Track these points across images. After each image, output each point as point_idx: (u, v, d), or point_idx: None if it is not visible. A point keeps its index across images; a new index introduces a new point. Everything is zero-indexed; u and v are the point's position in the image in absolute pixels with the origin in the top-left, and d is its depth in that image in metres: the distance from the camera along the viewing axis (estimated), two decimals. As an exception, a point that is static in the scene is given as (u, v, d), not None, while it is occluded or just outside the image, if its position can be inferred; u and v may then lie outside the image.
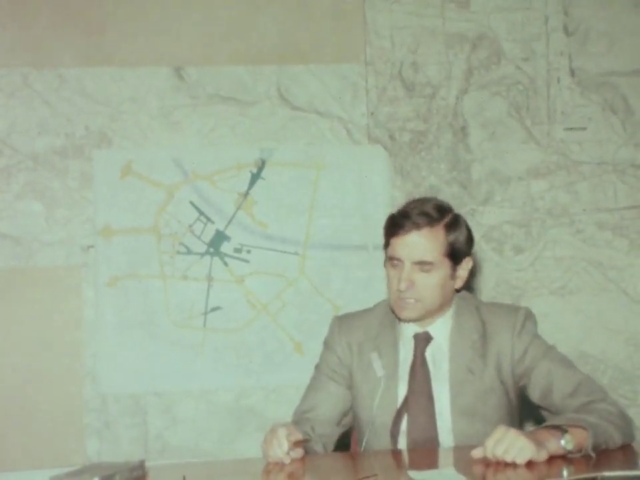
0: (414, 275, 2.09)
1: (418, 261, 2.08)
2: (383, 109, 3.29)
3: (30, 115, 3.14)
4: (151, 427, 3.13)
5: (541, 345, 2.14)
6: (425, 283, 2.09)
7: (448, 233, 2.10)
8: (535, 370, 2.10)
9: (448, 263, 2.11)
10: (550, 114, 3.34)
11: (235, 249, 3.22)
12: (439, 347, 2.16)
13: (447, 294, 2.15)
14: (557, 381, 2.07)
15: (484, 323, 2.16)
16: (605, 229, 3.32)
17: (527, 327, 2.14)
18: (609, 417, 1.92)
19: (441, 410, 2.11)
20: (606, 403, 1.98)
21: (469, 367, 2.11)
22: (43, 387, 3.08)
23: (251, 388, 3.18)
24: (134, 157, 3.18)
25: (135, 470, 1.82)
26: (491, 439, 1.79)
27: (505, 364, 2.12)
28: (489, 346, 2.13)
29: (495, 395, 2.12)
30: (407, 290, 2.09)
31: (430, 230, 2.08)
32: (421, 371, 2.14)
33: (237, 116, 3.24)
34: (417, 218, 2.09)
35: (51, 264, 3.12)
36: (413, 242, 2.08)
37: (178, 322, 3.17)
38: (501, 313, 2.18)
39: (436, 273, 2.09)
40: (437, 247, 2.08)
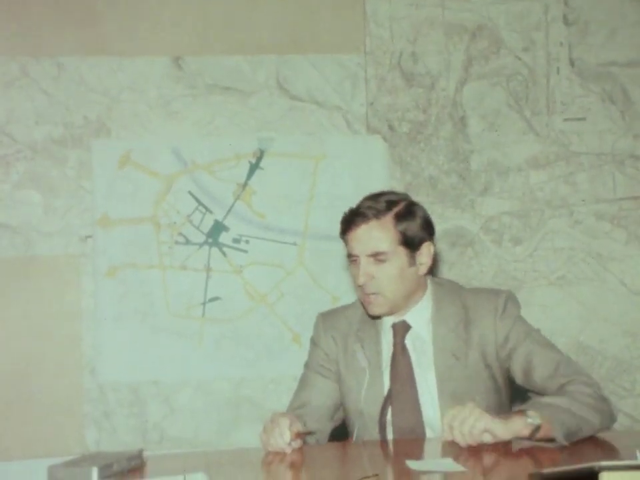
0: (370, 267, 2.10)
1: (371, 253, 2.10)
2: (382, 99, 3.28)
3: (28, 104, 3.13)
4: (150, 416, 3.13)
5: (522, 327, 2.14)
6: (383, 274, 2.10)
7: (398, 222, 2.11)
8: (517, 351, 2.10)
9: (403, 250, 2.11)
10: (549, 104, 3.33)
11: (233, 239, 3.21)
12: (418, 334, 2.17)
13: (411, 282, 2.15)
14: (536, 362, 2.07)
15: (466, 308, 2.17)
16: (603, 219, 3.32)
17: (508, 309, 2.15)
18: (585, 399, 1.91)
19: (427, 397, 2.12)
20: (583, 384, 1.97)
21: (453, 353, 2.12)
22: (42, 377, 3.08)
23: (249, 378, 3.18)
24: (132, 147, 3.18)
25: (134, 459, 1.82)
26: (449, 413, 1.82)
27: (489, 348, 2.13)
28: (472, 330, 2.14)
29: (481, 379, 2.13)
30: (366, 284, 2.11)
31: (377, 221, 2.10)
32: (402, 360, 2.15)
33: (236, 106, 3.23)
34: (365, 211, 2.11)
35: (50, 254, 3.12)
36: (363, 235, 2.10)
37: (176, 312, 3.17)
38: (482, 297, 2.19)
39: (392, 262, 2.10)
40: (387, 237, 2.09)
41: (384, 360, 2.17)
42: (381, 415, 2.12)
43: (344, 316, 2.28)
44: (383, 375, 2.16)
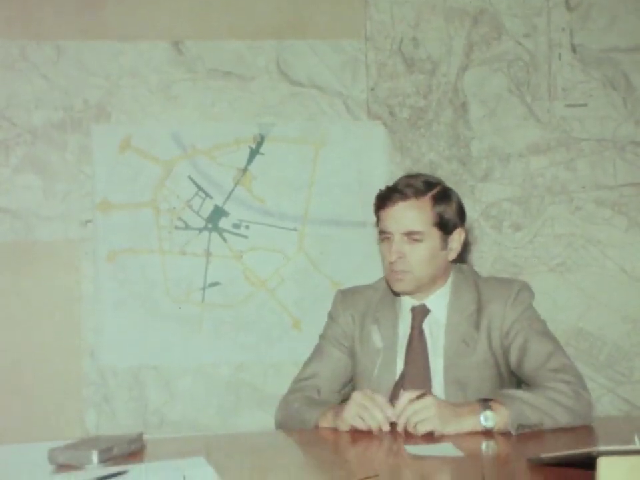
0: (404, 246, 2.11)
1: (406, 232, 2.10)
2: (383, 85, 3.27)
3: (28, 88, 3.12)
4: (149, 401, 3.14)
5: (529, 316, 2.14)
6: (415, 254, 2.11)
7: (435, 204, 2.12)
8: (516, 339, 2.11)
9: (437, 233, 2.13)
10: (550, 90, 3.32)
11: (233, 224, 3.21)
12: (436, 319, 2.18)
13: (440, 265, 2.17)
14: (529, 351, 2.07)
15: (480, 295, 2.17)
16: (604, 206, 3.31)
17: (520, 298, 2.15)
18: (555, 395, 1.90)
19: (438, 382, 2.13)
20: (561, 382, 1.95)
21: (463, 339, 2.13)
22: (42, 361, 3.09)
23: (249, 363, 3.19)
24: (133, 132, 3.17)
25: (134, 443, 1.83)
26: (407, 397, 1.81)
27: (494, 334, 2.13)
28: (482, 317, 2.15)
29: (487, 367, 2.13)
30: (397, 262, 2.11)
31: (416, 200, 2.11)
32: (418, 344, 2.16)
33: (236, 91, 3.22)
34: (404, 189, 2.12)
35: (50, 238, 3.12)
36: (400, 213, 2.10)
37: (176, 297, 3.17)
38: (496, 285, 2.20)
39: (425, 243, 2.11)
40: (424, 217, 2.11)
41: (399, 342, 2.18)
42: (392, 397, 2.12)
43: (363, 296, 2.29)
44: (397, 357, 2.17)
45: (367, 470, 1.63)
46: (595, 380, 3.25)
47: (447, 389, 2.11)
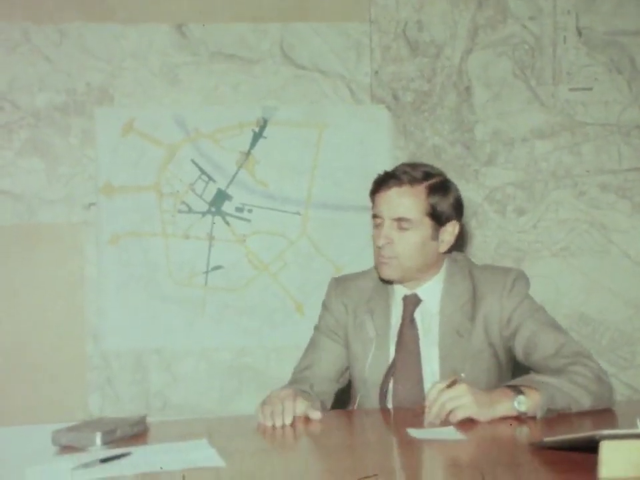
0: (392, 232, 2.10)
1: (397, 217, 2.10)
2: (387, 68, 3.26)
3: (30, 70, 3.11)
4: (152, 384, 3.15)
5: (529, 306, 2.13)
6: (403, 241, 2.10)
7: (430, 194, 2.11)
8: (520, 330, 2.09)
9: (429, 222, 2.11)
10: (555, 74, 3.30)
11: (236, 208, 3.21)
12: (428, 309, 2.17)
13: (429, 255, 2.15)
14: (539, 341, 2.06)
15: (475, 285, 2.16)
16: (608, 190, 3.30)
17: (516, 288, 2.14)
18: (580, 380, 1.90)
19: (430, 372, 2.13)
20: (582, 366, 1.95)
21: (457, 330, 2.12)
22: (46, 344, 3.10)
23: (251, 347, 3.20)
24: (136, 115, 3.16)
25: (137, 425, 1.83)
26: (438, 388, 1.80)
27: (493, 325, 2.12)
28: (478, 308, 2.13)
29: (483, 357, 2.12)
30: (385, 247, 2.10)
31: (410, 188, 2.10)
32: (409, 333, 2.15)
33: (240, 74, 3.21)
34: (400, 175, 2.11)
35: (53, 221, 3.12)
36: (393, 198, 2.10)
37: (179, 280, 3.18)
38: (492, 275, 2.18)
39: (415, 231, 2.10)
40: (417, 205, 2.09)
41: (392, 331, 2.17)
42: (383, 384, 2.13)
43: (356, 284, 2.27)
44: (390, 346, 2.16)
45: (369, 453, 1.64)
46: (598, 365, 3.25)
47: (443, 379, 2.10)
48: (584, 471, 1.33)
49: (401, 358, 2.14)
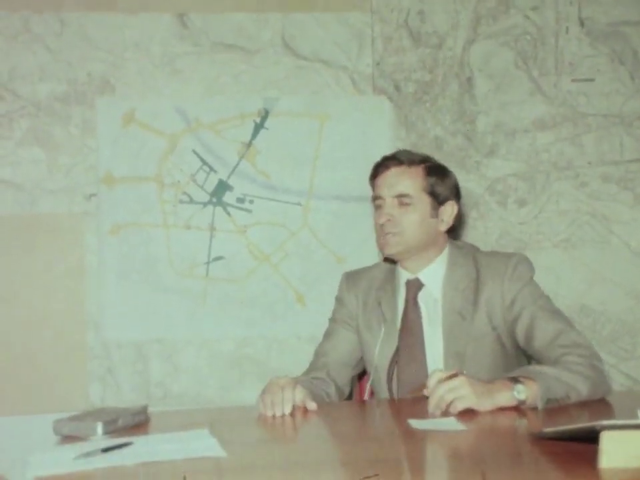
0: (394, 210, 2.16)
1: (397, 194, 2.16)
2: (389, 59, 3.25)
3: (31, 60, 3.11)
4: (153, 374, 3.16)
5: (531, 291, 2.14)
6: (405, 217, 2.16)
7: (428, 175, 2.19)
8: (521, 315, 2.11)
9: (428, 199, 2.18)
10: (557, 65, 3.29)
11: (237, 198, 3.21)
12: (431, 293, 2.19)
13: (430, 233, 2.19)
14: (538, 328, 2.07)
15: (478, 270, 2.18)
16: (609, 182, 3.30)
17: (518, 272, 2.15)
18: (576, 368, 1.90)
19: (433, 355, 2.14)
20: (577, 355, 1.96)
21: (459, 312, 2.14)
22: (47, 334, 3.10)
23: (252, 338, 3.20)
24: (137, 105, 3.16)
25: (138, 415, 1.84)
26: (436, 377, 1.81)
27: (495, 310, 2.13)
28: (481, 292, 2.15)
29: (486, 341, 2.13)
30: (387, 224, 2.15)
31: (409, 167, 2.18)
32: (412, 316, 2.18)
33: (241, 64, 3.20)
34: (399, 157, 2.20)
35: (53, 211, 3.12)
36: (392, 177, 2.17)
37: (180, 271, 3.18)
38: (494, 259, 2.20)
39: (415, 208, 2.16)
40: (415, 183, 2.17)
41: (399, 317, 2.20)
42: (389, 369, 2.15)
43: (366, 276, 2.33)
44: (397, 331, 2.19)
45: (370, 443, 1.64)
46: (598, 356, 3.25)
47: (447, 361, 2.12)
48: (584, 461, 1.33)
49: (405, 341, 2.16)
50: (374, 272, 2.33)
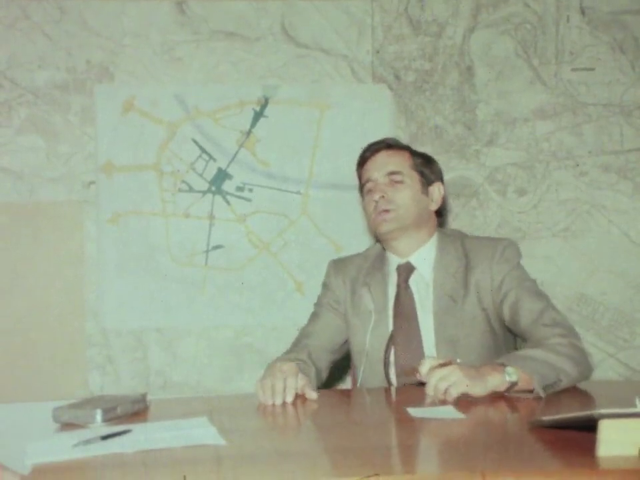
0: (387, 188, 2.19)
1: (389, 172, 2.20)
2: (389, 47, 3.24)
3: (30, 47, 3.10)
4: (152, 362, 3.16)
5: (517, 274, 2.15)
6: (398, 194, 2.18)
7: (414, 157, 2.26)
8: (507, 296, 2.12)
9: (417, 177, 2.23)
10: (558, 54, 3.29)
11: (237, 187, 3.20)
12: (422, 277, 2.20)
13: (422, 210, 2.21)
14: (522, 309, 2.09)
15: (467, 254, 2.20)
16: (609, 171, 3.30)
17: (506, 256, 2.16)
18: (563, 350, 1.91)
19: (428, 338, 2.15)
20: (561, 336, 1.97)
21: (451, 296, 2.15)
22: (46, 322, 3.11)
23: (251, 326, 3.20)
24: (136, 93, 3.15)
25: (137, 403, 1.84)
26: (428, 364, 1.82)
27: (484, 292, 2.15)
28: (470, 276, 2.16)
29: (477, 324, 2.14)
30: (381, 201, 2.17)
31: (396, 150, 2.26)
32: (405, 301, 2.18)
33: (240, 52, 3.19)
34: (385, 140, 2.28)
35: (53, 200, 3.11)
36: (382, 159, 2.23)
37: (179, 260, 3.18)
38: (483, 243, 2.22)
39: (407, 185, 2.20)
40: (404, 162, 2.23)
41: (390, 303, 2.20)
42: (385, 355, 2.15)
43: (353, 262, 2.33)
44: (389, 316, 2.19)
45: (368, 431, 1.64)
46: (597, 345, 3.26)
47: (439, 345, 2.13)
48: (582, 449, 1.34)
49: (400, 326, 2.17)
50: (360, 260, 2.33)
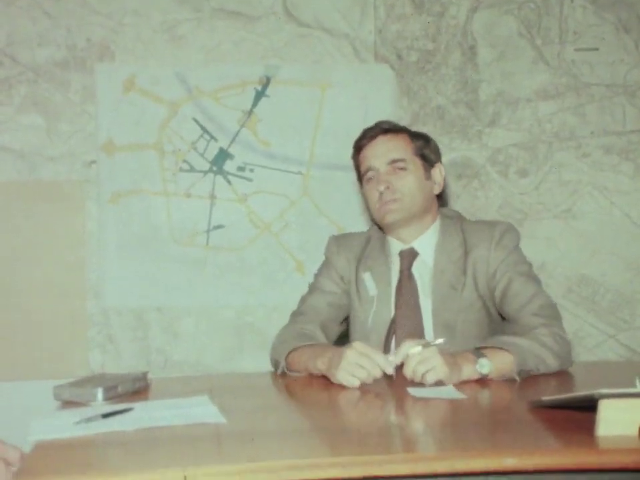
0: (390, 177, 2.14)
1: (391, 160, 2.14)
2: (391, 27, 3.22)
3: (30, 25, 3.08)
4: (153, 341, 3.17)
5: (514, 259, 2.13)
6: (403, 182, 2.14)
7: (413, 139, 2.19)
8: (501, 280, 2.11)
9: (419, 162, 2.17)
10: (561, 34, 3.26)
11: (238, 167, 3.20)
12: (424, 262, 2.18)
13: (427, 196, 2.18)
14: (512, 292, 2.08)
15: (465, 239, 2.18)
16: (611, 152, 3.28)
17: (504, 241, 2.14)
18: (546, 341, 1.91)
19: (428, 324, 2.14)
20: (546, 326, 1.96)
21: (451, 283, 2.13)
22: (47, 301, 3.11)
23: (252, 306, 3.21)
24: (137, 72, 3.14)
25: (138, 381, 1.84)
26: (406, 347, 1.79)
27: (481, 277, 2.13)
28: (468, 261, 2.14)
29: (474, 310, 2.14)
30: (386, 192, 2.12)
31: (395, 134, 2.18)
32: (408, 288, 2.16)
33: (242, 31, 3.18)
34: (381, 125, 2.19)
35: (54, 178, 3.11)
36: (382, 145, 2.16)
37: (180, 239, 3.18)
38: (481, 228, 2.19)
39: (410, 171, 2.15)
40: (405, 146, 2.17)
41: (392, 288, 2.18)
42: (386, 341, 2.14)
43: (356, 241, 2.29)
44: (391, 302, 2.17)
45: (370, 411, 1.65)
46: (597, 326, 3.26)
47: (436, 331, 2.12)
48: (582, 429, 1.34)
49: (402, 312, 2.15)
50: (361, 239, 2.29)
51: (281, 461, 1.24)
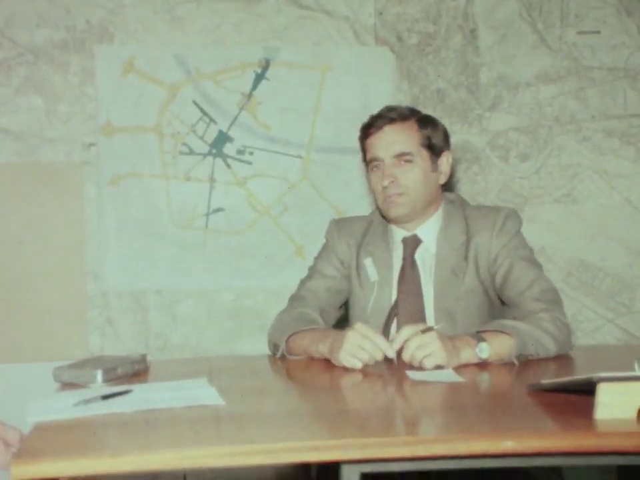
0: (395, 170, 2.11)
1: (397, 154, 2.11)
2: (391, 9, 3.20)
3: (28, 5, 3.06)
4: (152, 324, 3.17)
5: (515, 244, 2.12)
6: (408, 176, 2.11)
7: (421, 127, 2.13)
8: (502, 265, 2.10)
9: (426, 154, 2.13)
10: (563, 17, 3.25)
11: (237, 150, 3.19)
12: (427, 249, 2.18)
13: (432, 188, 2.16)
14: (513, 276, 2.07)
15: (468, 225, 2.16)
16: (612, 136, 3.28)
17: (506, 226, 2.13)
18: (546, 327, 1.91)
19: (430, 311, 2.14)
20: (547, 311, 1.97)
21: (453, 269, 2.13)
22: (46, 283, 3.11)
23: (251, 289, 3.21)
24: (136, 53, 3.12)
25: (137, 363, 1.85)
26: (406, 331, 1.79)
27: (482, 263, 2.13)
28: (470, 247, 2.14)
29: (475, 296, 2.13)
30: (391, 186, 2.10)
31: (402, 123, 2.12)
32: (411, 275, 2.15)
33: (242, 13, 3.16)
34: (388, 114, 2.13)
35: (53, 160, 3.10)
36: (388, 136, 2.11)
37: (180, 223, 3.17)
38: (483, 214, 2.18)
39: (416, 164, 2.11)
40: (412, 138, 2.12)
41: (394, 274, 2.18)
42: (385, 326, 2.14)
43: (357, 225, 2.28)
44: (392, 288, 2.17)
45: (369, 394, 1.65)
46: (596, 310, 3.27)
47: (437, 317, 2.12)
48: (580, 412, 1.34)
49: (404, 299, 2.14)
50: (363, 224, 2.27)
51: (280, 443, 1.24)
